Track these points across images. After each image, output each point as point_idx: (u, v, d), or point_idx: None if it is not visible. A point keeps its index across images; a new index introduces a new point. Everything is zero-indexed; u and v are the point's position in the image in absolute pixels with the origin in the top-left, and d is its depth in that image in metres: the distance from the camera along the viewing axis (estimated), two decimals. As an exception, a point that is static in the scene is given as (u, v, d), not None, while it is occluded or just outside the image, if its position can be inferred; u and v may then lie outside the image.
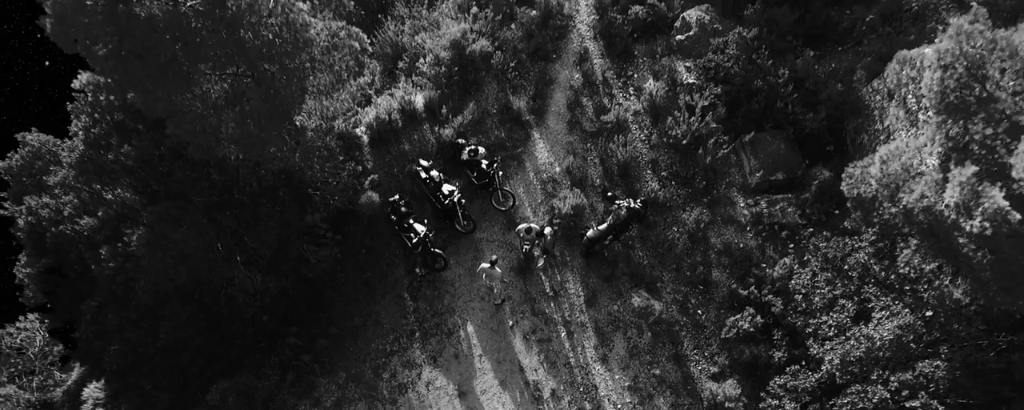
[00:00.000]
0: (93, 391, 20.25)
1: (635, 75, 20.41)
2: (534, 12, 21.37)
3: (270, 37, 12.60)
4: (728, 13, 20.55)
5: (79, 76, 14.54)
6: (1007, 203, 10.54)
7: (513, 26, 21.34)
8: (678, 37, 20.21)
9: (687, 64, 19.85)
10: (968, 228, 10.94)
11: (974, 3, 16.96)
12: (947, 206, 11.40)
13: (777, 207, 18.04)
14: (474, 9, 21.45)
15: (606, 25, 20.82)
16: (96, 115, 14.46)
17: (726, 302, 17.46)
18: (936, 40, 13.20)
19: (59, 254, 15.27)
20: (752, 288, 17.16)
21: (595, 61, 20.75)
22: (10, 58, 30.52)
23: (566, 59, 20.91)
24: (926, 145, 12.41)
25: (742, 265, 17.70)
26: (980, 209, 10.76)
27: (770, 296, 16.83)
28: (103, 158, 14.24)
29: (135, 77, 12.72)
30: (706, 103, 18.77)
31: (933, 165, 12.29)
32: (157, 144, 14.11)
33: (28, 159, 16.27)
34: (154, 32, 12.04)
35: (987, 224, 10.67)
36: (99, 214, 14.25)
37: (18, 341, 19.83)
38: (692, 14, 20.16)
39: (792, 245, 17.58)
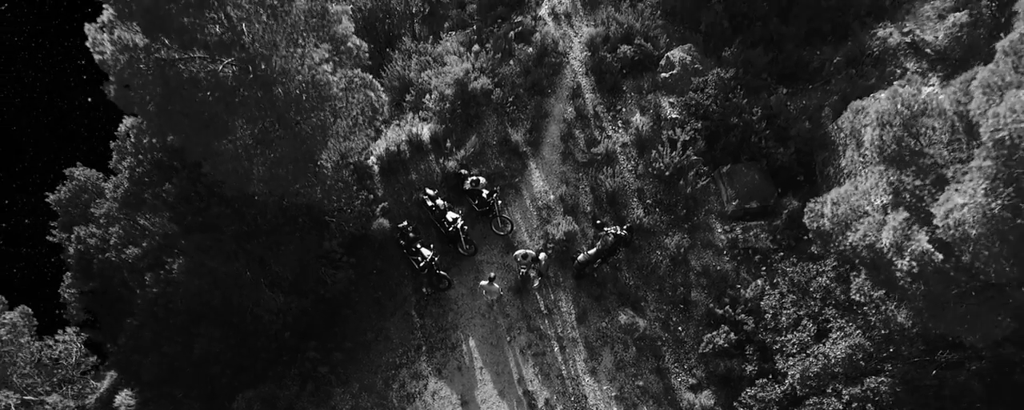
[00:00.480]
0: (124, 398, 22.09)
1: (623, 109, 22.23)
2: (531, 49, 23.18)
3: (297, 93, 14.43)
4: (709, 52, 22.36)
5: (124, 121, 16.33)
6: (931, 246, 12.35)
7: (512, 62, 23.17)
8: (663, 75, 22.03)
9: (671, 100, 21.68)
10: (900, 265, 12.76)
11: (918, 61, 18.86)
12: (885, 245, 13.22)
13: (751, 233, 19.85)
14: (475, 47, 23.34)
15: (597, 62, 22.65)
16: (140, 156, 16.28)
17: (704, 320, 19.27)
18: (893, 85, 14.92)
19: (104, 278, 17.08)
20: (727, 307, 18.96)
21: (587, 96, 22.58)
22: (60, 96, 33.10)
23: (560, 93, 22.74)
24: (870, 190, 14.23)
25: (718, 286, 19.51)
26: (909, 250, 12.58)
27: (743, 315, 18.65)
28: (146, 194, 16.07)
29: (180, 129, 14.57)
30: (687, 137, 20.60)
31: (877, 205, 14.11)
32: (194, 182, 15.93)
33: (75, 192, 18.09)
34: (198, 92, 13.86)
35: (915, 263, 12.50)
36: (144, 244, 16.07)
37: (56, 353, 21.61)
38: (676, 54, 21.99)
39: (764, 268, 19.38)
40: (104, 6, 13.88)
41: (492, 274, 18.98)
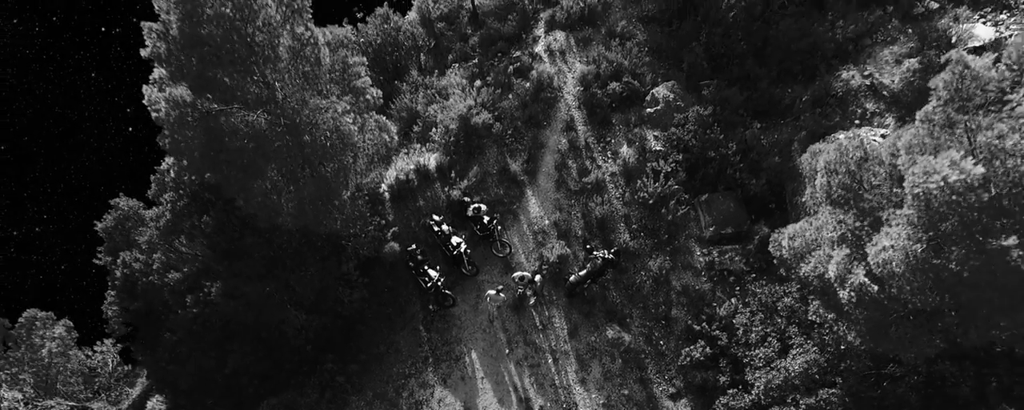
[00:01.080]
0: (156, 404, 24.25)
1: (612, 141, 24.36)
2: (528, 84, 25.33)
3: (323, 140, 16.57)
4: (691, 89, 24.49)
5: (166, 159, 18.49)
6: (867, 279, 14.47)
7: (511, 96, 25.33)
8: (648, 110, 24.16)
9: (655, 134, 23.81)
10: (842, 295, 14.89)
11: (876, 102, 20.98)
12: (831, 276, 15.35)
13: (726, 256, 21.96)
14: (478, 82, 25.49)
15: (589, 97, 24.79)
16: (181, 190, 18.41)
17: (683, 335, 21.38)
18: (839, 137, 17.01)
19: (147, 299, 19.18)
20: (704, 324, 21.06)
21: (579, 128, 24.72)
22: (106, 129, 35.43)
23: (555, 126, 24.88)
24: (822, 226, 16.34)
25: (696, 304, 21.62)
26: (850, 282, 14.71)
27: (718, 331, 20.75)
28: (186, 224, 18.20)
29: (219, 170, 16.72)
30: (669, 169, 22.73)
31: (826, 240, 16.23)
32: (229, 214, 18.06)
33: (119, 220, 20.21)
34: (237, 140, 15.99)
35: (854, 294, 14.62)
36: (184, 270, 18.17)
37: (95, 362, 23.74)
38: (660, 91, 24.12)
39: (737, 288, 21.49)
40: (155, 66, 16.03)
41: (499, 286, 21.17)
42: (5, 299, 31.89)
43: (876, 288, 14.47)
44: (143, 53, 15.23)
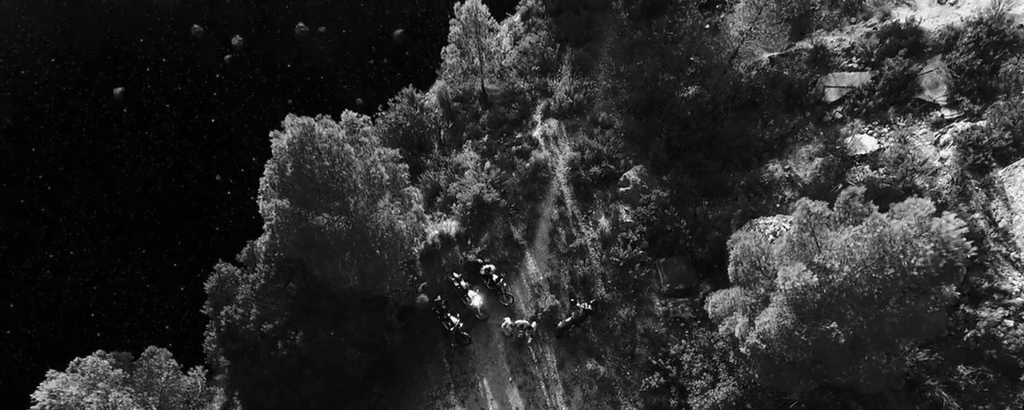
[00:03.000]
0: (236, 417, 30.89)
1: (593, 213, 31.12)
2: (528, 165, 32.09)
3: (380, 235, 23.36)
4: (655, 172, 31.23)
5: (260, 240, 25.25)
6: (758, 340, 21.18)
7: (514, 174, 32.07)
8: (622, 189, 30.91)
9: (626, 208, 30.56)
10: (742, 350, 21.63)
11: (792, 191, 27.65)
12: (738, 336, 22.09)
13: (679, 307, 28.65)
14: (487, 163, 32.28)
15: (575, 177, 31.56)
16: (271, 263, 25.16)
17: (644, 368, 28.06)
18: (738, 235, 23.75)
19: (244, 342, 25.86)
20: (660, 359, 27.72)
21: (567, 202, 31.49)
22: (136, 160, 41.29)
23: (548, 200, 31.66)
24: (735, 297, 23.07)
25: (655, 344, 28.31)
26: (747, 341, 21.44)
27: (669, 366, 27.44)
28: (275, 288, 24.96)
29: (306, 254, 23.51)
30: (636, 238, 29.48)
31: (736, 308, 22.95)
32: (308, 281, 24.81)
33: (220, 282, 26.92)
34: (320, 236, 22.76)
35: (749, 350, 21.37)
36: (276, 322, 24.84)
37: (186, 386, 30.42)
38: (630, 174, 30.88)
39: (686, 332, 28.19)
40: (267, 186, 22.84)
41: (520, 321, 27.86)
42: (44, 316, 37.55)
43: (764, 346, 21.20)
44: (262, 182, 22.08)
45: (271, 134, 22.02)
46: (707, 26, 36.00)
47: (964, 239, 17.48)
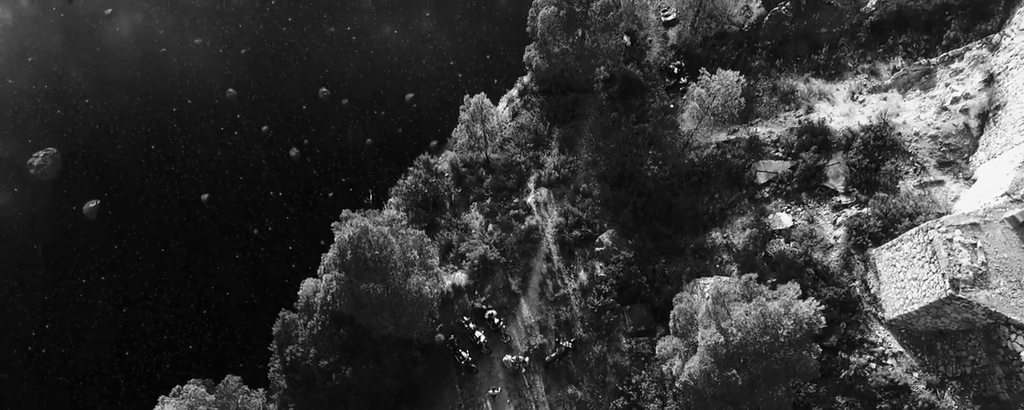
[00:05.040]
0: (288, 430, 38.85)
1: (575, 268, 39.09)
2: (523, 227, 40.07)
3: (411, 298, 31.39)
4: (625, 236, 39.18)
5: (317, 295, 33.34)
6: (688, 377, 29.12)
7: (512, 235, 40.05)
8: (597, 249, 38.89)
9: (601, 264, 38.53)
10: (678, 386, 29.61)
11: (730, 255, 35.68)
12: (675, 374, 30.04)
13: (640, 345, 36.60)
14: (490, 226, 40.30)
15: (560, 238, 39.54)
16: (324, 315, 33.15)
17: (612, 393, 35.97)
18: (682, 295, 31.77)
19: (304, 373, 33.79)
20: (625, 386, 35.65)
21: (554, 258, 39.46)
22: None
23: (539, 256, 39.64)
24: (675, 347, 31.01)
25: (622, 375, 36.23)
26: (680, 380, 29.39)
27: (632, 391, 35.36)
28: (329, 332, 32.96)
29: (355, 310, 31.57)
30: (607, 289, 37.44)
31: (674, 352, 30.92)
32: (355, 329, 32.80)
33: (284, 327, 34.90)
34: (366, 298, 30.77)
35: (681, 386, 29.34)
36: (331, 359, 32.76)
37: (255, 406, 38.38)
38: (604, 237, 38.85)
39: (646, 365, 36.15)
40: (329, 262, 30.88)
41: (517, 355, 35.80)
42: (77, 336, 46.06)
43: (693, 384, 29.16)
44: (324, 257, 30.08)
45: (333, 225, 30.10)
46: (672, 106, 44.12)
47: (819, 315, 25.52)
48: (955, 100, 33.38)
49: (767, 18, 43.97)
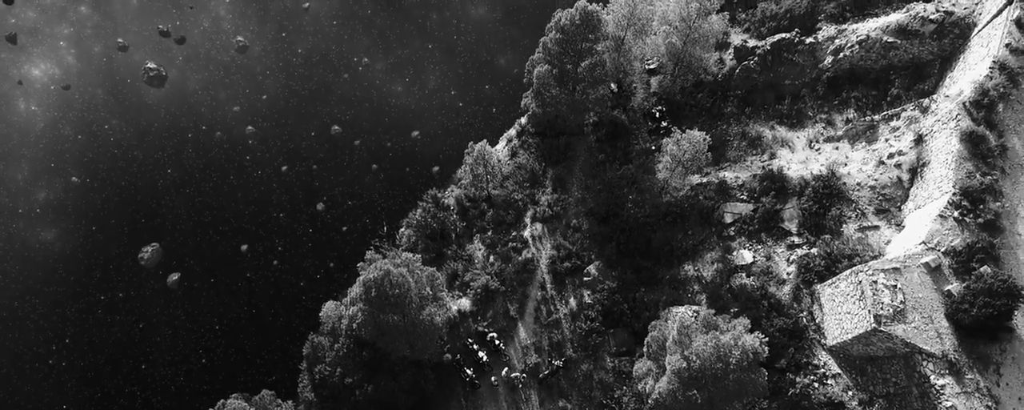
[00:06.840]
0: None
1: (566, 294, 44.50)
2: (521, 258, 45.51)
3: (424, 325, 36.87)
4: (610, 267, 44.58)
5: (342, 321, 38.78)
6: (657, 396, 34.52)
7: (510, 265, 45.48)
8: (585, 279, 44.31)
9: (588, 293, 43.95)
10: (650, 402, 35.02)
11: (700, 286, 41.24)
12: (649, 392, 35.47)
13: (622, 363, 41.96)
14: (491, 257, 45.77)
15: (553, 269, 44.97)
16: (349, 339, 38.53)
17: (598, 406, 41.34)
18: (655, 324, 37.29)
19: (332, 391, 39.22)
20: (609, 401, 41.03)
21: (548, 286, 44.89)
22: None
23: (534, 284, 45.07)
24: (648, 369, 36.41)
25: (607, 390, 41.62)
26: (652, 398, 34.80)
27: (614, 405, 40.76)
28: (353, 354, 38.38)
29: (377, 336, 37.07)
30: (593, 314, 42.85)
31: (648, 374, 36.34)
32: (376, 351, 38.22)
33: (311, 348, 40.34)
34: (387, 325, 36.24)
35: (653, 402, 34.82)
36: (355, 377, 38.13)
37: (284, 414, 43.71)
38: (591, 269, 44.27)
39: (628, 381, 41.50)
40: (354, 295, 36.37)
41: (515, 373, 41.23)
42: (95, 349, 51.60)
43: (662, 401, 34.55)
44: (350, 291, 35.52)
45: (358, 265, 35.58)
46: (653, 148, 49.57)
47: (764, 346, 30.96)
48: (891, 155, 38.86)
49: (738, 70, 49.50)
